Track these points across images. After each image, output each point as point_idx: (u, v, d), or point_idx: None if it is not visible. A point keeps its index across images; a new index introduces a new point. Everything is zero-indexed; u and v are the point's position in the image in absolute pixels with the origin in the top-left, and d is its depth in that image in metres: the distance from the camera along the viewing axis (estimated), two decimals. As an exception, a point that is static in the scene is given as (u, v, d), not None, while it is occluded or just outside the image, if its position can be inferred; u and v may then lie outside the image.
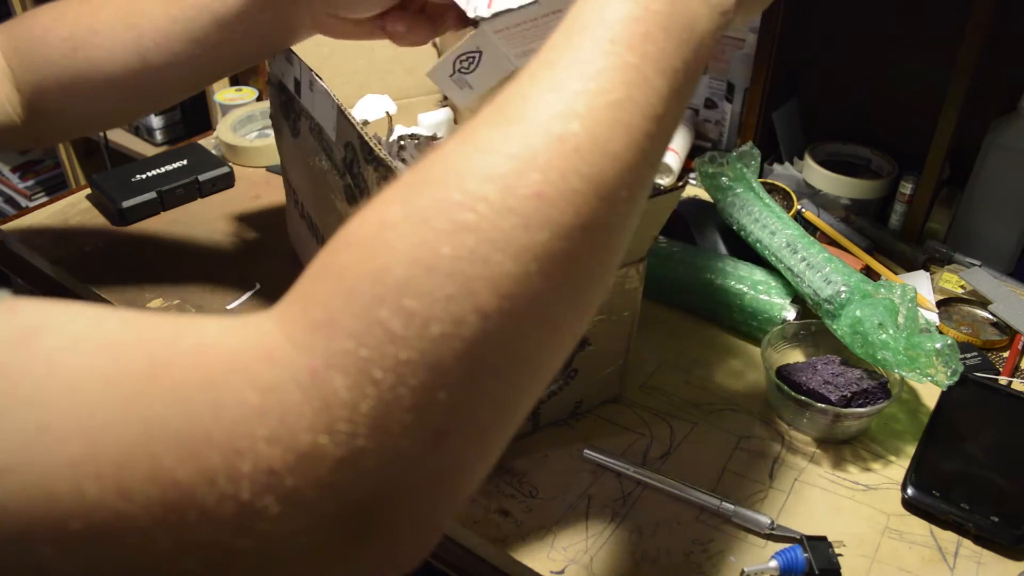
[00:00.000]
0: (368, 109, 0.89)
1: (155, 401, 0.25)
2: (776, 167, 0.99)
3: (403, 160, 0.86)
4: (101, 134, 1.66)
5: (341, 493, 0.26)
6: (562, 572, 0.56)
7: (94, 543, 0.24)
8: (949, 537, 0.59)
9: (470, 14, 0.58)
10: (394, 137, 0.88)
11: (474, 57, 0.60)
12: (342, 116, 0.56)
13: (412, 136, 0.87)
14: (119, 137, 1.72)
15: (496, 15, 0.57)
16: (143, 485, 0.24)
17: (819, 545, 0.56)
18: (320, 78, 0.60)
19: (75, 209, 0.92)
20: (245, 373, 0.26)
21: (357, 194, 0.58)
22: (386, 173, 0.52)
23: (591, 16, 0.33)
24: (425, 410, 0.26)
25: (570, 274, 0.29)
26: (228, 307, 0.78)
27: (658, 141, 0.33)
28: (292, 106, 0.68)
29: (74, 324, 0.26)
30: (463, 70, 0.61)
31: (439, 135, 0.94)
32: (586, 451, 0.64)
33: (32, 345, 0.25)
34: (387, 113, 0.89)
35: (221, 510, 0.24)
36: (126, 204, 0.88)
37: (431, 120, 0.96)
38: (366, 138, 0.53)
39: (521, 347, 0.28)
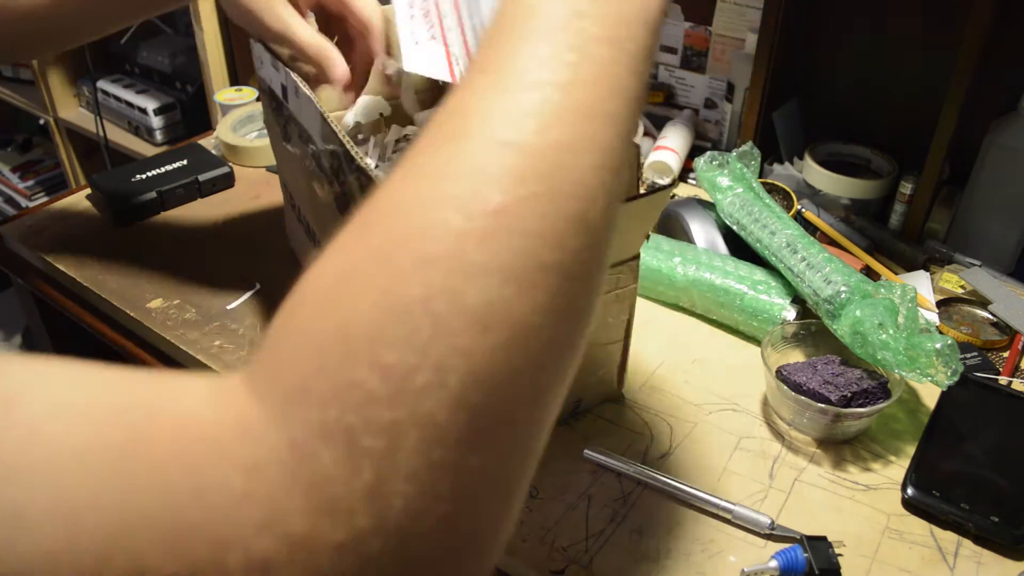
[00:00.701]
0: (363, 111, 0.89)
1: (134, 484, 0.23)
2: (776, 167, 0.99)
3: None
4: (101, 134, 1.66)
5: None
6: (562, 572, 0.56)
7: None
8: (949, 537, 0.59)
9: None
10: (389, 138, 0.88)
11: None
12: (326, 124, 0.56)
13: (407, 137, 0.87)
14: (119, 137, 1.72)
15: None
16: None
17: (819, 545, 0.56)
18: (304, 85, 0.59)
19: (75, 209, 0.92)
20: (224, 451, 0.23)
21: (346, 201, 0.57)
22: (367, 182, 0.51)
23: (513, 10, 0.31)
24: (426, 475, 0.23)
25: (553, 285, 0.26)
26: (228, 307, 0.78)
27: (620, 117, 0.30)
28: (282, 111, 0.68)
29: (54, 387, 0.25)
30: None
31: None
32: (586, 451, 0.64)
33: (13, 413, 0.23)
34: (381, 115, 0.89)
35: None
36: (126, 204, 0.88)
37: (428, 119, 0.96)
38: (348, 146, 0.53)
39: (517, 380, 0.26)
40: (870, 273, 0.85)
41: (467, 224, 0.25)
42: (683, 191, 1.00)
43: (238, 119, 1.06)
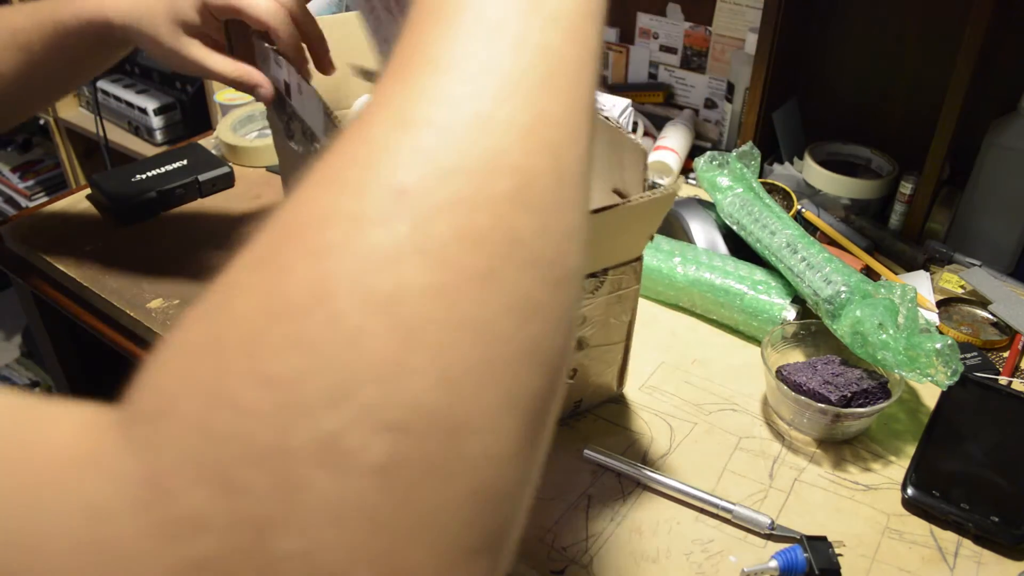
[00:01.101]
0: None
1: None
2: (776, 167, 0.99)
3: None
4: (101, 134, 1.66)
5: None
6: (562, 572, 0.56)
7: None
8: (949, 537, 0.59)
9: None
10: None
11: None
12: (329, 120, 0.56)
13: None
14: (119, 137, 1.72)
15: None
16: None
17: (819, 545, 0.56)
18: (307, 81, 0.59)
19: (75, 209, 0.92)
20: (66, 488, 0.18)
21: None
22: None
23: (417, 27, 0.27)
24: (337, 524, 0.17)
25: (491, 268, 0.21)
26: (228, 307, 0.78)
27: (558, 87, 0.25)
28: (284, 108, 0.68)
29: None
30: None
31: None
32: (586, 451, 0.64)
33: None
34: None
35: None
36: (126, 204, 0.88)
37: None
38: None
39: (457, 389, 0.20)
40: (870, 273, 0.85)
41: (370, 207, 0.21)
42: (683, 191, 1.00)
43: (238, 119, 1.06)
